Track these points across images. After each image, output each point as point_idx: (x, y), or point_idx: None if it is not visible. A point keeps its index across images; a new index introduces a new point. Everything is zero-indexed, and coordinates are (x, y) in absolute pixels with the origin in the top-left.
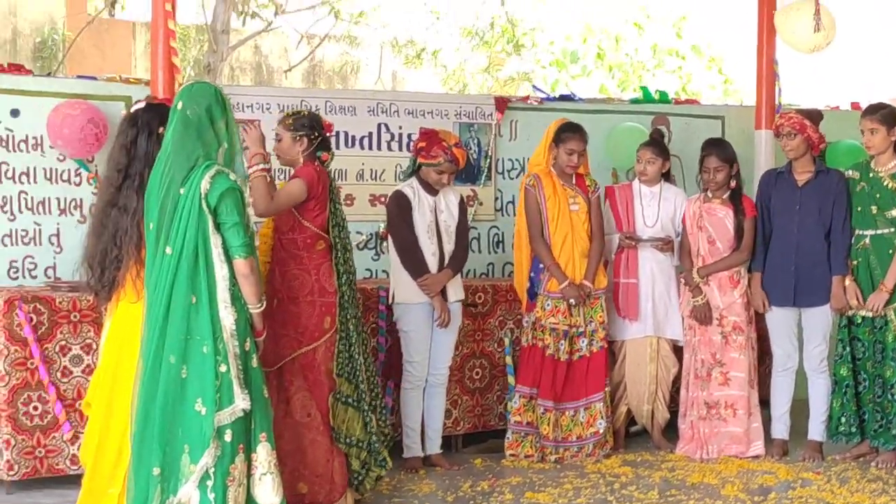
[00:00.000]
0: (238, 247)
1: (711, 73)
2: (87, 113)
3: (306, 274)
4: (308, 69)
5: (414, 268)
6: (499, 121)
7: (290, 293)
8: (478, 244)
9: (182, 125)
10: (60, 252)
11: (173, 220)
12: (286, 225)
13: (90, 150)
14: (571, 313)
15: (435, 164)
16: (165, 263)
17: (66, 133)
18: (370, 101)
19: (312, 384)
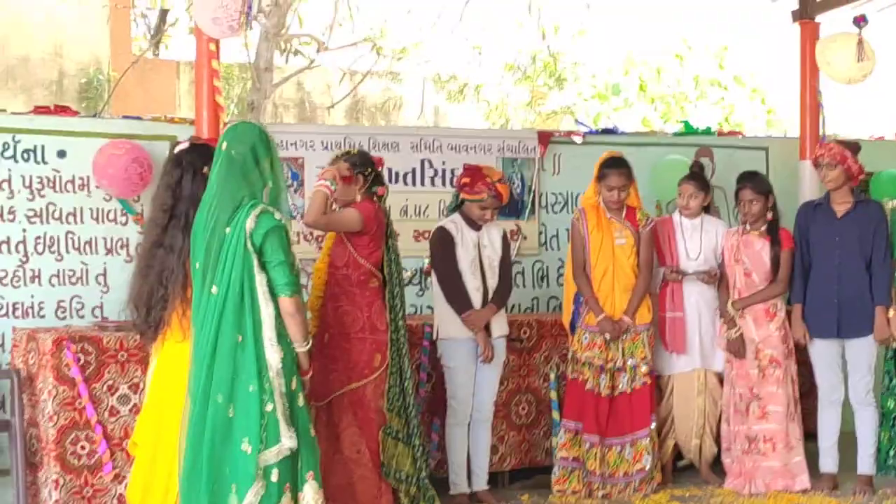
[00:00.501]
0: (283, 285)
1: (754, 103)
2: (131, 153)
3: (358, 311)
4: (351, 105)
5: (458, 303)
6: (542, 155)
7: (341, 329)
8: (522, 279)
9: (227, 165)
10: (107, 292)
11: (219, 259)
12: (340, 260)
13: (135, 189)
14: (608, 347)
15: (479, 199)
16: (212, 303)
17: (110, 173)
18: (413, 136)
19: (362, 420)
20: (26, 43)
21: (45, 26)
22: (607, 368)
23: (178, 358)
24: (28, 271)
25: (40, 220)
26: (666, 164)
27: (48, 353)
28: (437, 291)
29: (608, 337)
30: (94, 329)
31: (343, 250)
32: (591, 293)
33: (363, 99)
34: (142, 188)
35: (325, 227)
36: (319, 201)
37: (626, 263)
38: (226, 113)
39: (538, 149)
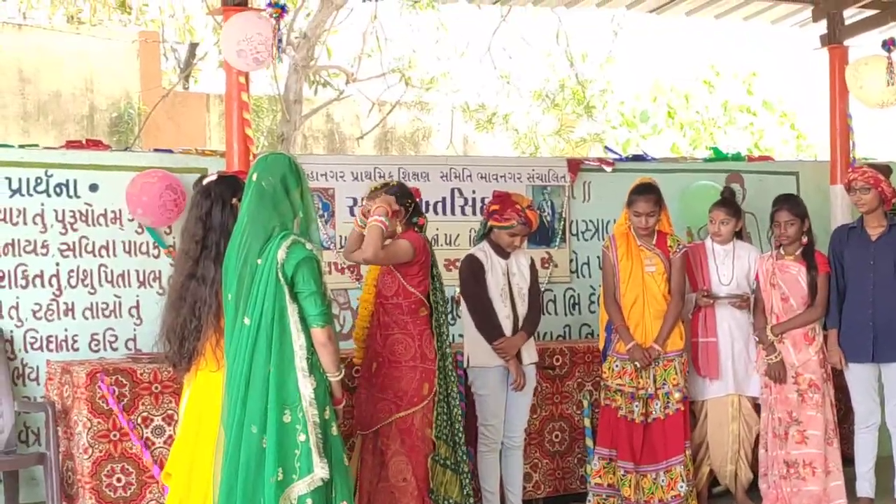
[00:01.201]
0: (315, 316)
1: (784, 128)
2: (164, 180)
3: (410, 339)
4: (380, 136)
5: (488, 331)
6: (572, 183)
7: (392, 357)
8: (554, 306)
9: (258, 196)
10: (140, 324)
11: (251, 290)
12: (390, 290)
13: (170, 217)
14: (640, 375)
15: (508, 226)
16: (244, 334)
17: (145, 201)
18: (443, 166)
19: (410, 448)
20: (57, 78)
21: (75, 61)
22: (639, 395)
23: (212, 388)
24: (62, 304)
25: (73, 253)
26: (696, 190)
27: (82, 386)
28: (467, 320)
29: (638, 365)
30: (127, 361)
31: (392, 280)
32: (622, 321)
33: (392, 129)
34: (176, 216)
35: (383, 261)
36: (376, 236)
37: (656, 290)
38: (255, 145)
39: (568, 176)
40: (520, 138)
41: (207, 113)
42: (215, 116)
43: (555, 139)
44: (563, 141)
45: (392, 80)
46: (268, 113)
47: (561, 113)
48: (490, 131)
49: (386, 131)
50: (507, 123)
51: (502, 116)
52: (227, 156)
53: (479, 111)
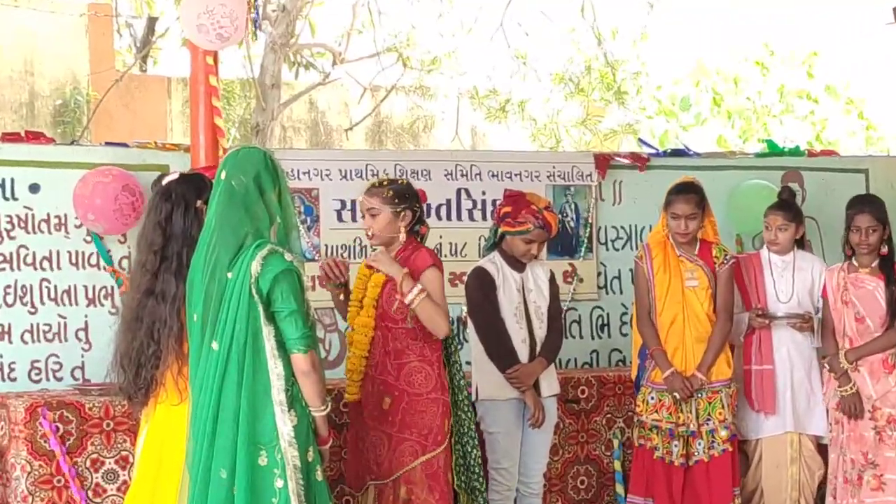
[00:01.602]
0: (296, 339)
1: (850, 117)
2: (120, 179)
3: (429, 367)
4: (373, 127)
5: (501, 357)
6: (600, 182)
7: (411, 389)
8: (578, 328)
9: (227, 198)
10: (89, 349)
11: (220, 309)
12: (401, 312)
13: (126, 223)
14: (679, 409)
15: (522, 231)
16: (212, 360)
17: (98, 204)
18: (447, 162)
19: (440, 498)
20: None
21: (12, 39)
22: (679, 433)
23: (174, 423)
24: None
25: (10, 266)
26: (747, 190)
27: (21, 423)
28: (475, 344)
29: (677, 396)
30: (74, 393)
31: (401, 301)
32: (658, 344)
33: (387, 119)
34: (133, 222)
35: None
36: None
37: (699, 309)
38: (226, 137)
39: (595, 175)
40: (538, 129)
41: (169, 100)
42: (178, 104)
43: (579, 130)
44: (589, 133)
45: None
46: (240, 100)
47: (587, 99)
48: (503, 121)
49: (380, 121)
50: (522, 112)
51: (517, 104)
52: (192, 150)
53: (490, 97)
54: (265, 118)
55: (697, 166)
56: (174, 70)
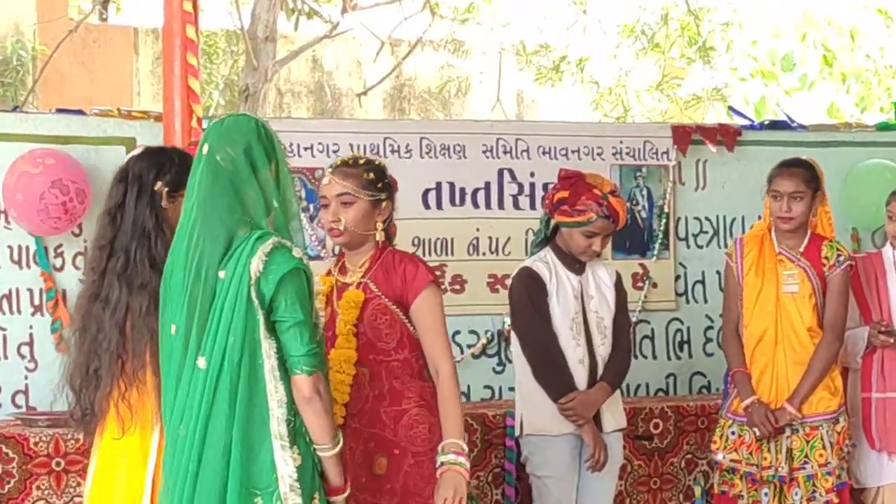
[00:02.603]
0: (299, 357)
1: None
2: (52, 171)
3: (431, 414)
4: (392, 91)
5: (553, 382)
6: (679, 161)
7: (414, 447)
8: (651, 345)
9: (211, 177)
10: (35, 369)
11: (209, 317)
12: (391, 341)
13: (56, 226)
14: (763, 448)
15: (582, 222)
16: (198, 382)
17: (20, 201)
18: (486, 135)
19: None
20: None
21: None
22: (765, 478)
23: (115, 461)
24: None
25: None
26: (866, 172)
27: None
28: (520, 365)
29: (757, 433)
30: (15, 424)
31: (393, 325)
32: (740, 364)
33: (411, 81)
34: (68, 224)
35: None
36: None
37: (797, 321)
38: (207, 105)
39: (674, 152)
40: (601, 95)
41: (136, 56)
42: (147, 62)
43: (654, 96)
44: (665, 99)
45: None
46: (225, 56)
47: (663, 57)
48: (556, 84)
49: (401, 84)
50: (581, 73)
51: (575, 62)
52: (164, 120)
53: (541, 54)
54: (257, 80)
55: (802, 142)
56: (142, 19)
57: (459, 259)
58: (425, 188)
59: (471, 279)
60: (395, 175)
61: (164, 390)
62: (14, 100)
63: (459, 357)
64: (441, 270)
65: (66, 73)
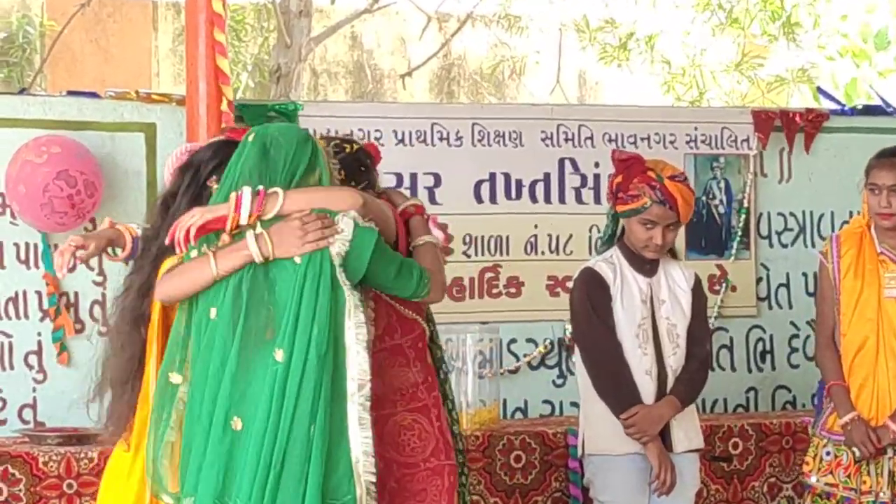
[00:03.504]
0: (416, 290)
1: None
2: (58, 161)
3: (425, 417)
4: (440, 72)
5: (614, 396)
6: (761, 150)
7: (402, 455)
8: (729, 356)
9: (259, 154)
10: (44, 380)
11: (286, 305)
12: (375, 324)
13: (62, 222)
14: (863, 471)
15: (636, 209)
16: (271, 376)
17: (21, 193)
18: (545, 121)
19: None
20: None
21: None
22: None
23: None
24: None
25: None
26: None
27: None
28: (583, 377)
29: (857, 454)
30: (22, 441)
31: (377, 300)
32: (838, 378)
33: (460, 61)
34: (76, 220)
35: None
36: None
37: None
38: (234, 86)
39: (754, 140)
40: (674, 76)
41: (155, 33)
42: (168, 39)
43: (732, 78)
44: (745, 80)
45: None
46: (255, 33)
47: (743, 34)
48: (624, 64)
49: (450, 64)
50: (651, 51)
51: (644, 40)
52: (188, 103)
53: (606, 31)
54: (290, 59)
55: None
56: None
57: (515, 259)
58: (477, 180)
59: (528, 282)
60: (444, 165)
61: (197, 379)
62: (20, 81)
63: (514, 366)
64: (495, 272)
65: (78, 51)
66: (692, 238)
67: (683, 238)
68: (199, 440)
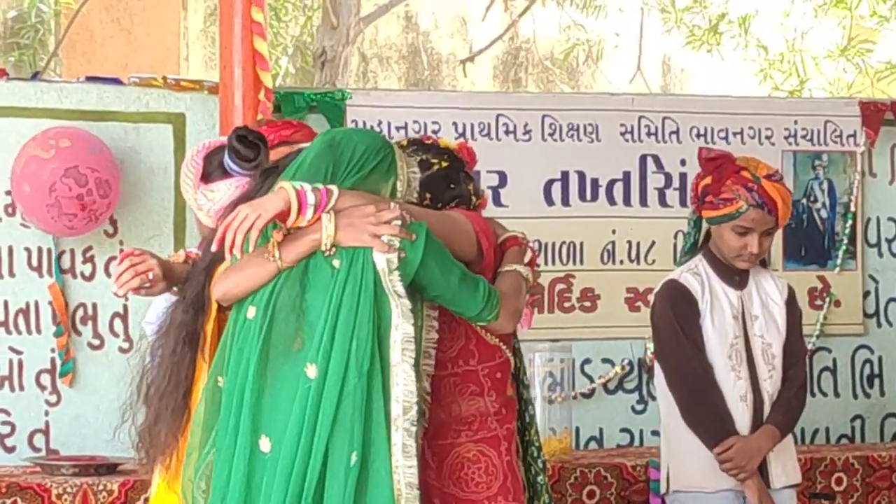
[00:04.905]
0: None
1: None
2: (67, 156)
3: (494, 450)
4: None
5: (706, 426)
6: (870, 148)
7: (464, 492)
8: (832, 378)
9: (326, 145)
10: (57, 402)
11: (323, 313)
12: (447, 346)
13: (70, 224)
14: None
15: (731, 214)
16: (303, 393)
17: (26, 193)
18: (625, 113)
19: None
20: None
21: None
22: None
23: None
24: None
25: None
26: None
27: None
28: (666, 403)
29: None
30: (33, 471)
31: (451, 327)
32: None
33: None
34: (87, 223)
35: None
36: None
37: None
38: (274, 71)
39: (862, 136)
40: (771, 63)
41: (184, 12)
42: (198, 19)
43: (837, 65)
44: (852, 68)
45: None
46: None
47: (850, 15)
48: (714, 49)
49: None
50: (745, 35)
51: (737, 22)
52: (221, 91)
53: (694, 11)
54: (336, 42)
55: None
56: None
57: (591, 269)
58: (548, 179)
59: (605, 294)
60: (510, 162)
61: (228, 385)
62: (33, 66)
63: (589, 389)
64: (567, 283)
65: (98, 32)
66: (791, 246)
67: (780, 246)
68: (226, 457)
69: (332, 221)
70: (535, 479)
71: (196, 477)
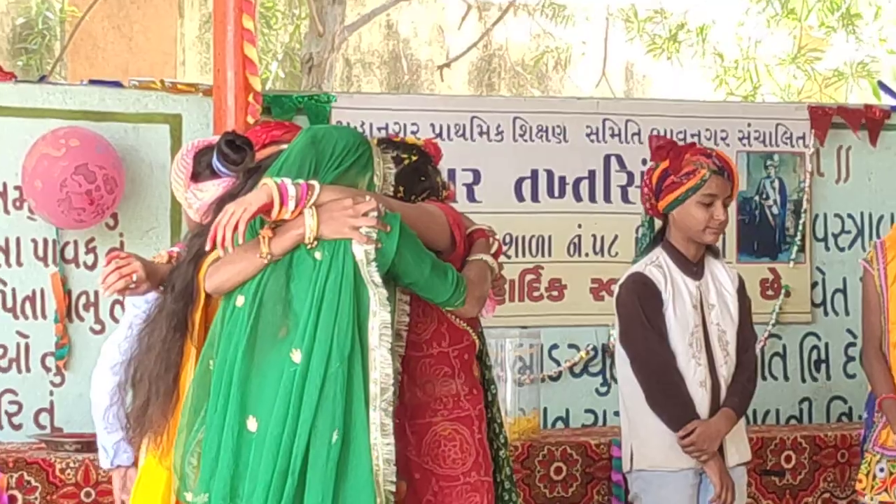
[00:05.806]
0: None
1: None
2: (77, 154)
3: (467, 428)
4: (480, 62)
5: (671, 411)
6: (818, 148)
7: (441, 469)
8: (783, 365)
9: (308, 142)
10: (61, 383)
11: (307, 302)
12: (421, 331)
13: (80, 218)
14: None
15: (696, 185)
16: (288, 378)
17: (38, 188)
18: (590, 115)
19: None
20: None
21: None
22: None
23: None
24: None
25: None
26: None
27: None
28: (628, 388)
29: None
30: (38, 447)
31: (423, 312)
32: (889, 390)
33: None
34: (94, 217)
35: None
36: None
37: None
38: (263, 76)
39: (811, 138)
40: (726, 69)
41: (180, 19)
42: (194, 26)
43: (787, 71)
44: (802, 75)
45: None
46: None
47: (800, 26)
48: (673, 56)
49: (490, 55)
50: (702, 43)
51: (695, 30)
52: (215, 93)
53: (655, 21)
54: (322, 48)
55: None
56: None
57: (558, 260)
58: (518, 177)
59: (571, 284)
60: (483, 160)
61: (217, 368)
62: (39, 69)
63: (556, 373)
64: (536, 274)
65: (100, 38)
66: (744, 240)
67: (734, 240)
68: (214, 434)
69: (315, 216)
70: (496, 452)
71: (187, 453)
